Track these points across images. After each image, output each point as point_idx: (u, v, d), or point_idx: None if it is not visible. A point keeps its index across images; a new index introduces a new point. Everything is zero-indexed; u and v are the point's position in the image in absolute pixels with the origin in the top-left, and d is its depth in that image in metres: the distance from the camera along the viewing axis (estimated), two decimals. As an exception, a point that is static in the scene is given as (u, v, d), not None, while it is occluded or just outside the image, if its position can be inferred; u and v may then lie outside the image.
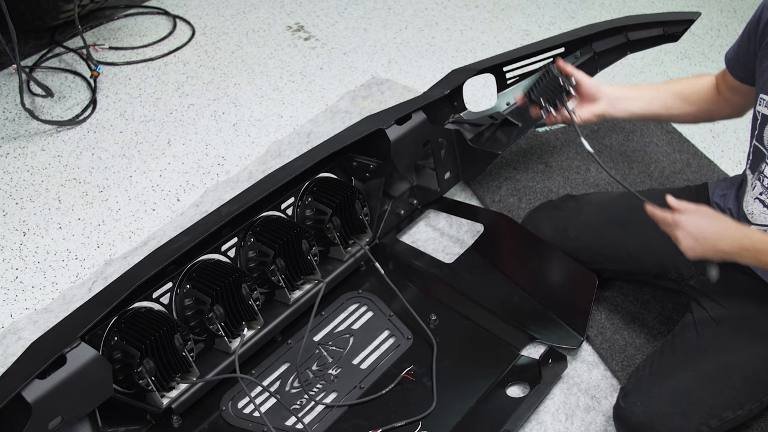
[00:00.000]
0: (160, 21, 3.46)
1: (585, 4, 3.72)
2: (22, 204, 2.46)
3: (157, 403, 1.65)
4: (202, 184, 2.53)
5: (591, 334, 1.92)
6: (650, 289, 2.02)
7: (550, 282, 1.98)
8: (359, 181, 2.12)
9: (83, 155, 2.66)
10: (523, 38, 3.40)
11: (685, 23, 2.32)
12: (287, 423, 1.69)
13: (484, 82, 2.55)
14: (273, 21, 3.49)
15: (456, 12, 3.61)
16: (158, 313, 1.68)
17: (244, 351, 1.77)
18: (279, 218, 1.92)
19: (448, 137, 2.23)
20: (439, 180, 2.26)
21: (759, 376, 1.52)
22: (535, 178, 2.44)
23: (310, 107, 2.91)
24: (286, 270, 1.87)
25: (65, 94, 2.97)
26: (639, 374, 1.62)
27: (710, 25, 3.50)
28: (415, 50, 3.30)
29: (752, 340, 1.54)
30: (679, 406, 1.49)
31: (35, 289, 2.15)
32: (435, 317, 1.90)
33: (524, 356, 1.83)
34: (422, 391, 1.74)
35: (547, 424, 1.74)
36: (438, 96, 2.18)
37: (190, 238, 1.70)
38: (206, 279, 1.74)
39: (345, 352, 1.85)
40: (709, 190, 1.81)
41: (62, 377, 1.42)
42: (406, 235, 2.26)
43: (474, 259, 2.10)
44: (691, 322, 1.64)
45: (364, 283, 2.04)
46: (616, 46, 2.35)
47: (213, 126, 2.81)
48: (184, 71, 3.13)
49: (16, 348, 1.93)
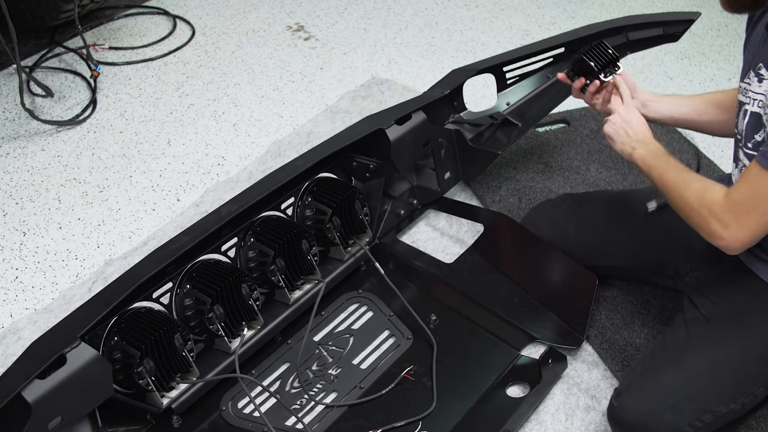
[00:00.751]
0: (160, 21, 3.46)
1: (585, 4, 3.72)
2: (22, 204, 2.46)
3: (157, 403, 1.65)
4: (202, 184, 2.53)
5: (591, 334, 1.92)
6: (650, 288, 2.02)
7: (550, 282, 1.98)
8: (359, 181, 2.12)
9: (83, 155, 2.66)
10: (523, 38, 3.40)
11: (685, 23, 2.32)
12: (287, 423, 1.69)
13: (484, 82, 2.55)
14: (273, 21, 3.50)
15: (456, 12, 3.61)
16: (158, 313, 1.68)
17: (244, 351, 1.77)
18: (279, 218, 1.92)
19: (448, 137, 2.23)
20: (439, 180, 2.26)
21: (750, 369, 1.52)
22: (535, 178, 2.44)
23: (310, 107, 2.91)
24: (286, 270, 1.87)
25: (65, 94, 2.97)
26: (631, 374, 1.63)
27: (710, 25, 3.50)
28: (415, 50, 3.30)
29: (742, 335, 1.55)
30: (670, 402, 1.49)
31: (35, 289, 2.15)
32: (435, 317, 1.90)
33: (524, 356, 1.83)
34: (422, 391, 1.74)
35: (547, 424, 1.73)
36: (438, 96, 2.18)
37: (190, 238, 1.70)
38: (206, 279, 1.74)
39: (345, 352, 1.85)
40: None
41: (62, 377, 1.42)
42: (406, 235, 2.26)
43: (474, 259, 2.10)
44: (682, 320, 1.65)
45: (364, 283, 2.04)
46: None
47: (213, 126, 2.81)
48: (184, 71, 3.13)
49: (16, 348, 1.93)
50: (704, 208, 1.47)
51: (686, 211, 1.52)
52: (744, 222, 1.41)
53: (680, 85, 3.07)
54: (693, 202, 1.49)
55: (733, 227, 1.42)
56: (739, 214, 1.41)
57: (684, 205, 1.52)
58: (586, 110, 2.76)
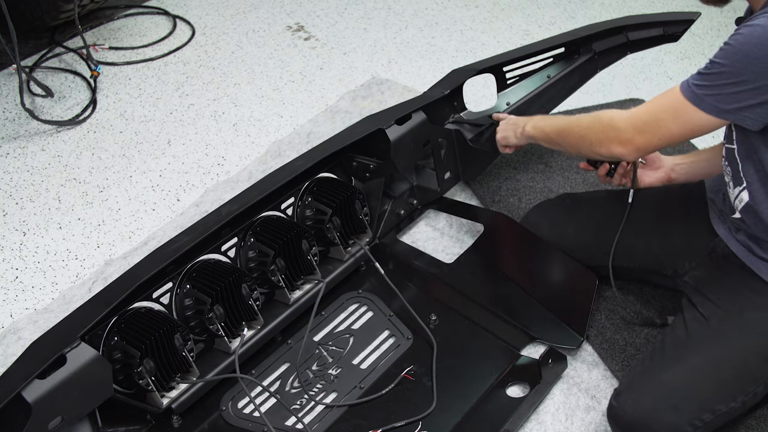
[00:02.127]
0: (160, 21, 3.46)
1: (585, 4, 3.72)
2: (22, 204, 2.46)
3: (157, 403, 1.65)
4: (202, 184, 2.53)
5: (591, 334, 1.92)
6: (650, 288, 2.02)
7: (550, 282, 1.98)
8: (359, 181, 2.12)
9: (83, 155, 2.66)
10: (523, 38, 3.40)
11: (685, 23, 2.32)
12: (287, 423, 1.69)
13: (484, 82, 2.55)
14: (273, 21, 3.50)
15: (456, 12, 3.61)
16: (158, 313, 1.68)
17: (244, 351, 1.77)
18: (279, 218, 1.92)
19: (448, 137, 2.23)
20: (439, 180, 2.26)
21: (749, 367, 1.52)
22: (535, 178, 2.44)
23: (310, 107, 2.91)
24: (286, 270, 1.87)
25: (65, 94, 2.97)
26: (630, 374, 1.63)
27: (710, 25, 3.50)
28: (415, 50, 3.30)
29: (741, 333, 1.55)
30: (670, 401, 1.49)
31: (35, 289, 2.15)
32: (435, 317, 1.90)
33: (524, 356, 1.83)
34: (422, 391, 1.74)
35: (547, 424, 1.74)
36: (438, 96, 2.18)
37: (190, 238, 1.70)
38: (206, 279, 1.74)
39: (345, 352, 1.85)
40: (706, 187, 1.82)
41: (62, 377, 1.42)
42: (406, 235, 2.26)
43: (474, 259, 2.10)
44: (681, 320, 1.65)
45: (364, 283, 2.04)
46: (616, 46, 2.35)
47: (213, 126, 2.81)
48: (184, 71, 3.13)
49: (16, 348, 1.93)
50: (604, 124, 1.63)
51: (588, 135, 1.67)
52: (644, 131, 1.56)
53: (680, 85, 3.07)
54: (592, 125, 1.67)
55: (637, 139, 1.57)
56: (642, 128, 1.56)
57: (586, 131, 1.67)
58: (586, 110, 2.75)
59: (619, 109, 1.64)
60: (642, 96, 2.92)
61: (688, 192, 1.86)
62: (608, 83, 3.04)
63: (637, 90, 3.03)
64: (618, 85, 3.05)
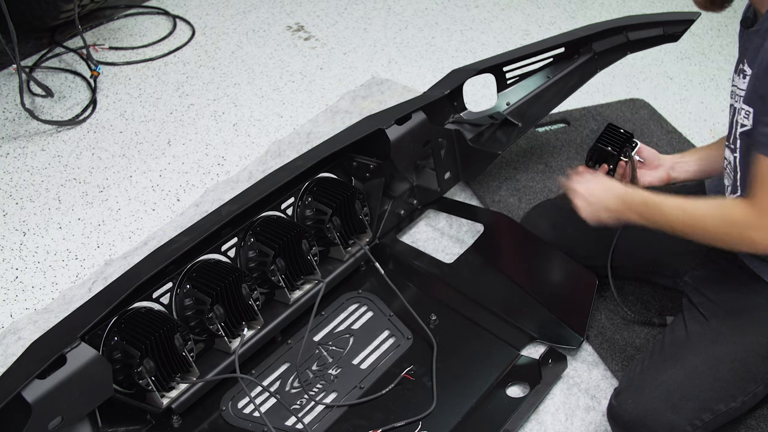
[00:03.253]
0: (160, 21, 3.46)
1: (585, 4, 3.72)
2: (22, 204, 2.46)
3: (157, 403, 1.65)
4: (202, 184, 2.53)
5: (591, 334, 1.92)
6: (650, 288, 2.02)
7: (550, 282, 1.98)
8: (359, 181, 2.12)
9: (83, 155, 2.66)
10: (523, 38, 3.40)
11: (685, 23, 2.32)
12: (287, 423, 1.69)
13: (484, 82, 2.55)
14: (273, 21, 3.50)
15: (456, 12, 3.61)
16: (158, 313, 1.68)
17: (244, 351, 1.77)
18: (279, 218, 1.92)
19: (448, 137, 2.23)
20: (439, 180, 2.26)
21: (749, 367, 1.52)
22: (535, 178, 2.44)
23: (310, 107, 2.91)
24: (286, 270, 1.87)
25: (65, 94, 2.97)
26: (630, 373, 1.62)
27: (710, 25, 3.50)
28: (415, 50, 3.30)
29: (741, 332, 1.55)
30: (669, 401, 1.49)
31: (35, 289, 2.15)
32: (435, 317, 1.90)
33: (524, 356, 1.83)
34: (422, 391, 1.74)
35: (547, 424, 1.74)
36: (438, 96, 2.18)
37: (190, 238, 1.70)
38: (206, 279, 1.74)
39: (345, 352, 1.85)
40: (706, 188, 1.82)
41: (62, 377, 1.42)
42: (406, 235, 2.26)
43: (474, 259, 2.10)
44: (681, 320, 1.65)
45: (364, 283, 2.04)
46: (616, 46, 2.35)
47: (213, 126, 2.81)
48: (184, 71, 3.13)
49: (16, 348, 1.93)
50: (732, 226, 1.45)
51: (722, 239, 1.49)
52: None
53: (680, 85, 3.07)
54: (718, 227, 1.47)
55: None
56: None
57: (714, 234, 1.49)
58: (586, 110, 2.76)
59: (731, 200, 1.52)
60: (642, 96, 2.93)
61: (687, 192, 1.86)
62: (608, 83, 3.04)
63: (637, 90, 3.03)
64: (618, 85, 3.05)
